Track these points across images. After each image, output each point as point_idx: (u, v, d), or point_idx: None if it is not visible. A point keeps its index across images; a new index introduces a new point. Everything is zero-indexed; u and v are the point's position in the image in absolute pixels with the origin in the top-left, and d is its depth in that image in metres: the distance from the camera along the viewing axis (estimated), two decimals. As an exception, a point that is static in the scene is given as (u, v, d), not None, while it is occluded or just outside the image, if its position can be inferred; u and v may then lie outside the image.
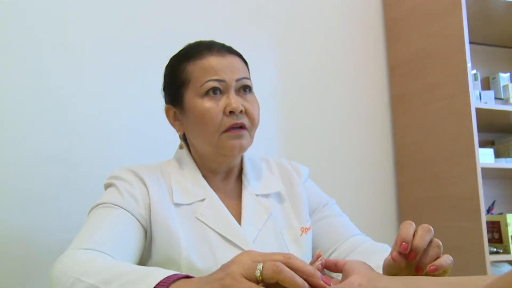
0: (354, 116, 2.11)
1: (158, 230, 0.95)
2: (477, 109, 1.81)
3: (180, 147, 1.10)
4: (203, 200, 1.01)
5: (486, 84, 2.38)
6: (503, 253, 1.84)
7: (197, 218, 0.99)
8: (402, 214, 2.11)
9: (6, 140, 1.49)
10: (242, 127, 1.00)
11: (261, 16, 1.98)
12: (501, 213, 1.95)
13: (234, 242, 0.97)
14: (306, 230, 1.06)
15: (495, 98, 2.15)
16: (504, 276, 0.38)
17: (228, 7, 1.91)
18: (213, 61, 1.01)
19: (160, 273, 0.66)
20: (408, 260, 0.74)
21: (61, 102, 1.58)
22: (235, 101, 0.98)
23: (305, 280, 0.59)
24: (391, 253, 0.75)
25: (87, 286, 0.69)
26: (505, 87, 2.25)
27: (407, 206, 2.09)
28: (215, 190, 1.05)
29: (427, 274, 0.74)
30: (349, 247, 1.05)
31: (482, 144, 2.23)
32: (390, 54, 2.20)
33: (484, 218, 1.74)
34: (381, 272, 0.80)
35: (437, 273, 0.74)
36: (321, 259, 0.76)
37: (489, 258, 1.73)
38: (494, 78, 2.36)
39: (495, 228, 1.89)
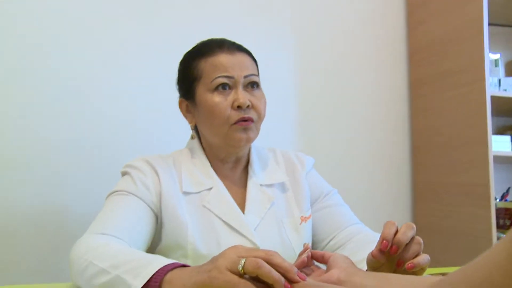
0: (373, 99, 2.15)
1: (168, 217, 1.04)
2: (494, 97, 1.82)
3: (192, 137, 1.18)
4: (210, 189, 1.10)
5: (510, 68, 2.35)
6: None
7: (204, 206, 1.07)
8: (417, 197, 2.16)
9: (35, 126, 1.62)
10: (249, 120, 1.07)
11: (279, 2, 2.01)
12: (513, 201, 1.98)
13: (237, 229, 1.06)
14: (306, 219, 1.13)
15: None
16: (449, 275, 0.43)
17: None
18: (223, 58, 1.08)
19: (161, 262, 0.75)
20: (390, 253, 0.80)
21: (84, 92, 1.69)
22: (242, 96, 1.05)
23: (283, 275, 0.67)
24: (372, 251, 0.81)
25: (99, 269, 0.79)
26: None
27: (421, 189, 2.13)
28: (222, 179, 1.13)
29: (405, 270, 0.80)
30: (346, 235, 1.12)
31: (501, 130, 2.23)
32: (410, 40, 2.20)
33: (493, 205, 1.77)
34: (365, 265, 0.88)
35: (414, 269, 0.80)
36: (307, 252, 0.84)
37: (497, 244, 1.76)
38: (518, 61, 2.33)
39: (507, 215, 1.92)
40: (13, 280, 1.55)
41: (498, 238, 1.81)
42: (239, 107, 1.05)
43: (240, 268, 0.66)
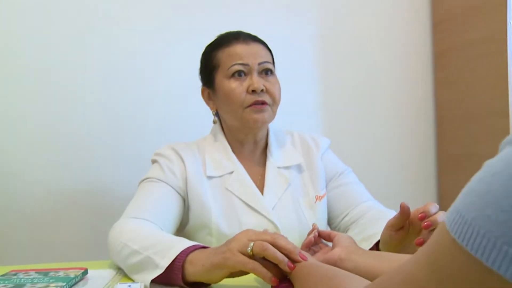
0: (396, 71, 2.17)
1: (193, 201, 1.16)
2: (516, 68, 1.82)
3: (214, 122, 1.28)
4: (231, 172, 1.20)
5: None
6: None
7: (226, 189, 1.18)
8: (441, 169, 2.20)
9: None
10: (263, 103, 1.16)
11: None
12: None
13: (257, 209, 1.16)
14: (320, 198, 1.22)
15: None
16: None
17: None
18: (238, 48, 1.17)
19: (184, 244, 0.86)
20: (423, 227, 0.86)
21: (126, 75, 1.81)
22: (256, 81, 1.15)
23: (287, 256, 0.77)
24: (391, 221, 0.90)
25: (132, 250, 0.92)
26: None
27: (445, 161, 2.17)
28: (242, 161, 1.23)
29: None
30: (359, 212, 1.20)
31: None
32: (434, 10, 2.20)
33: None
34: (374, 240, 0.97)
35: (431, 229, 0.86)
36: (314, 232, 0.94)
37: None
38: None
39: (530, 184, 1.94)
40: (57, 257, 1.72)
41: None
42: (253, 91, 1.15)
43: (249, 250, 0.77)
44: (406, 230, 0.90)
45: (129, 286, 0.81)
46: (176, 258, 0.83)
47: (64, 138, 1.75)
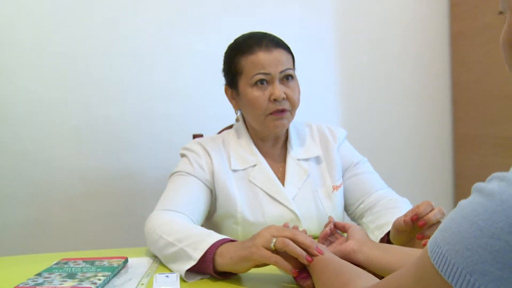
0: (413, 53, 2.22)
1: (220, 192, 1.26)
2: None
3: (237, 120, 1.37)
4: (254, 165, 1.30)
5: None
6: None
7: (250, 181, 1.28)
8: (457, 148, 2.26)
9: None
10: (283, 111, 1.24)
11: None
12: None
13: (278, 199, 1.26)
14: (337, 187, 1.31)
15: None
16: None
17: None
18: (261, 56, 1.23)
19: (214, 238, 0.97)
20: (418, 226, 0.95)
21: (150, 62, 1.90)
22: (278, 91, 1.22)
23: (305, 250, 0.87)
24: (404, 218, 0.98)
25: (167, 242, 1.03)
26: None
27: (461, 141, 2.23)
28: (264, 155, 1.32)
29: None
30: (373, 200, 1.29)
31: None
32: (451, -8, 2.21)
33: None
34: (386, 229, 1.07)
35: (426, 226, 0.95)
36: (330, 225, 1.03)
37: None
38: None
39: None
40: (88, 239, 1.86)
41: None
42: (275, 100, 1.22)
43: (272, 246, 0.87)
44: (410, 230, 0.99)
45: (167, 276, 0.92)
46: (207, 250, 0.94)
47: (97, 125, 1.87)
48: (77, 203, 1.86)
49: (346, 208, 1.36)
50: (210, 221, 1.32)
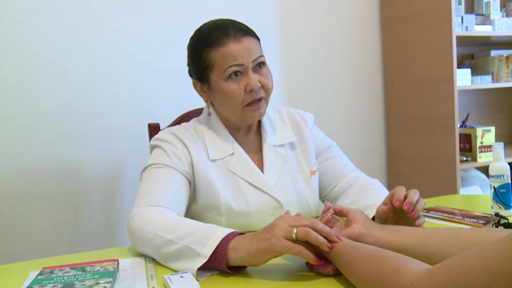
0: (347, 37, 2.31)
1: (201, 183, 1.21)
2: (458, 37, 2.01)
3: (209, 114, 1.31)
4: (232, 154, 1.27)
5: (470, 0, 2.52)
6: (471, 161, 2.18)
7: (229, 170, 1.25)
8: (389, 127, 2.40)
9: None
10: (260, 100, 1.22)
11: None
12: (472, 127, 2.25)
13: (259, 187, 1.25)
14: (314, 172, 1.33)
15: (476, 15, 2.32)
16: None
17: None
18: (232, 47, 1.18)
19: (223, 231, 0.93)
20: (406, 210, 0.98)
21: (96, 57, 1.75)
22: (254, 81, 1.19)
23: (324, 237, 0.87)
24: (383, 208, 1.01)
25: (165, 240, 0.97)
26: (487, 3, 2.40)
27: (393, 120, 2.37)
28: (239, 143, 1.29)
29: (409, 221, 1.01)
30: (347, 183, 1.34)
31: (462, 58, 2.45)
32: (381, -22, 2.32)
33: (457, 133, 2.04)
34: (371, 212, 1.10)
35: (416, 215, 1.00)
36: (330, 211, 1.04)
37: (460, 166, 2.06)
38: (478, -6, 2.50)
39: (467, 140, 2.20)
40: (33, 242, 1.71)
41: (461, 161, 2.10)
42: (251, 90, 1.20)
43: (294, 236, 0.86)
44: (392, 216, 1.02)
45: (182, 276, 0.87)
46: (218, 246, 0.91)
47: (34, 116, 1.69)
48: (15, 203, 1.68)
49: (319, 191, 1.38)
50: (188, 214, 1.26)
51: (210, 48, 1.20)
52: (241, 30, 1.22)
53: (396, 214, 1.02)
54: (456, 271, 0.60)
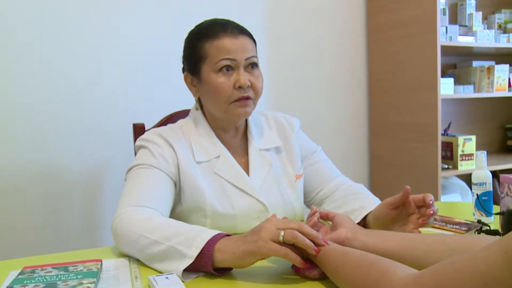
0: (332, 44, 2.32)
1: (187, 185, 1.21)
2: (443, 47, 2.05)
3: (196, 108, 1.31)
4: (218, 157, 1.26)
5: (453, 11, 2.56)
6: (452, 168, 2.21)
7: (215, 173, 1.24)
8: (373, 134, 2.42)
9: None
10: (248, 98, 1.22)
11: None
12: (454, 136, 2.29)
13: (245, 190, 1.24)
14: (299, 176, 1.34)
15: (460, 26, 2.37)
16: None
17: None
18: (227, 42, 1.20)
19: (209, 233, 0.92)
20: (428, 214, 1.03)
21: (80, 57, 1.73)
22: (243, 78, 1.19)
23: (312, 241, 0.88)
24: (391, 201, 1.06)
25: (151, 241, 0.96)
26: (470, 15, 2.45)
27: (377, 127, 2.40)
28: (226, 146, 1.29)
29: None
30: (332, 187, 1.34)
31: (445, 68, 2.49)
32: (369, -13, 2.35)
33: (440, 141, 2.07)
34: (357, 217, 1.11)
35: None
36: (316, 215, 1.05)
37: (441, 174, 2.09)
38: (461, 4, 2.54)
39: (448, 148, 2.24)
40: (13, 242, 1.67)
41: (443, 169, 2.13)
42: (240, 87, 1.20)
43: (281, 239, 0.86)
44: (399, 211, 1.05)
45: (167, 278, 0.87)
46: (204, 247, 0.90)
47: (17, 115, 1.66)
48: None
49: (305, 195, 1.39)
50: (173, 215, 1.25)
51: (205, 40, 1.22)
52: (238, 28, 1.24)
53: (394, 217, 1.04)
54: (446, 275, 0.61)
